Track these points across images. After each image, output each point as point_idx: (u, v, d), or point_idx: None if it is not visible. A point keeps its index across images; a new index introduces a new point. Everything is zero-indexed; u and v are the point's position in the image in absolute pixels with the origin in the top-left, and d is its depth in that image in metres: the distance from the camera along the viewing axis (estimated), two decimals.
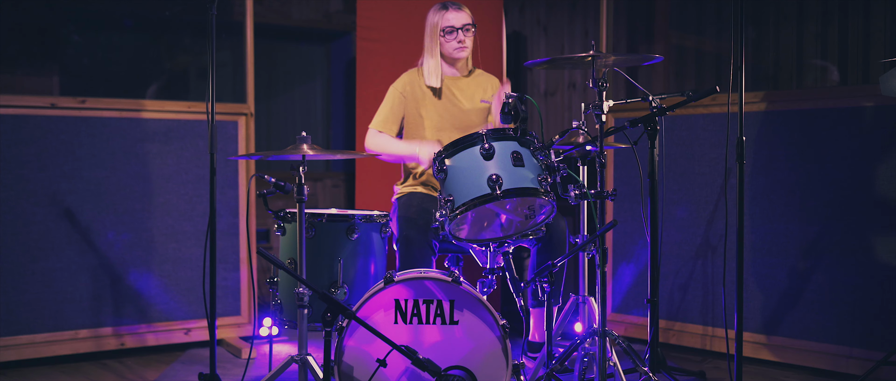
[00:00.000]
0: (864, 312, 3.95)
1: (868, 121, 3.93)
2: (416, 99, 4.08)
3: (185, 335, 4.54)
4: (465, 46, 4.09)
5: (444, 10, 4.07)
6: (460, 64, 4.16)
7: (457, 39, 4.06)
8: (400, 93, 4.10)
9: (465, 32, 4.06)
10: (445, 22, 4.05)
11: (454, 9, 4.07)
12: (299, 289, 3.15)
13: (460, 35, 4.06)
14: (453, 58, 4.10)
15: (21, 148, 4.18)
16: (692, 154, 4.49)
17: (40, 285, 4.21)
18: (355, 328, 3.02)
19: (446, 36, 4.06)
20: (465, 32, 4.06)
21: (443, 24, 4.05)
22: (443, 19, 4.06)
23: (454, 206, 3.09)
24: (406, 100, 4.08)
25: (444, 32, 4.06)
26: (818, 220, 4.07)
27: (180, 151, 4.53)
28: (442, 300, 3.04)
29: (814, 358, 4.09)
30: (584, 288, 3.65)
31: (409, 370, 3.01)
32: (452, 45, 4.07)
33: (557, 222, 3.75)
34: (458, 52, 4.09)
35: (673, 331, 4.54)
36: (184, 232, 4.54)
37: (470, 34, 4.08)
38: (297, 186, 3.18)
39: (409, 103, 4.09)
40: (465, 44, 4.08)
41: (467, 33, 4.07)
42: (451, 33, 4.06)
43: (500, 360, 3.04)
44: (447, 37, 4.06)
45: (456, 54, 4.09)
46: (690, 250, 4.49)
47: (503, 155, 3.09)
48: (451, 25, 4.04)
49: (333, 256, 3.38)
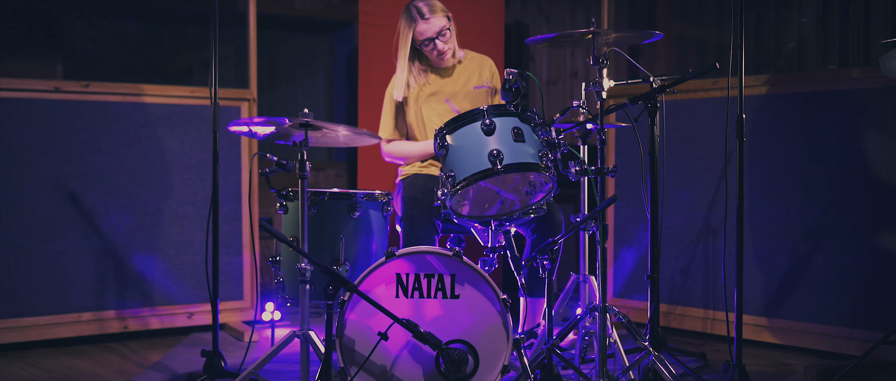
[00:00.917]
0: (864, 293, 3.96)
1: (869, 103, 3.94)
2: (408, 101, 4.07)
3: (188, 319, 4.56)
4: (447, 49, 3.98)
5: (414, 23, 3.93)
6: (446, 62, 4.10)
7: (436, 50, 3.97)
8: (393, 96, 4.08)
9: (441, 38, 3.95)
10: (419, 36, 3.93)
11: (424, 18, 3.91)
12: (301, 264, 3.16)
13: (438, 44, 3.95)
14: (437, 63, 4.07)
15: (25, 131, 4.20)
16: (693, 139, 4.50)
17: (44, 268, 4.24)
18: (357, 302, 3.03)
19: (424, 47, 3.97)
20: (441, 38, 3.95)
21: (417, 39, 3.94)
22: (416, 33, 3.94)
23: (455, 181, 3.10)
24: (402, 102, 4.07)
25: (421, 44, 3.97)
26: (819, 202, 4.08)
27: (183, 135, 4.55)
28: (443, 275, 3.05)
29: (814, 340, 4.10)
30: (584, 267, 3.66)
31: (410, 343, 3.03)
32: (433, 55, 4.00)
33: (554, 209, 3.76)
34: (439, 59, 4.02)
35: (674, 315, 4.56)
36: (187, 217, 4.56)
37: (447, 35, 3.95)
38: (299, 163, 3.20)
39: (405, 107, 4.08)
40: (446, 48, 3.98)
41: (444, 37, 3.95)
42: (428, 45, 3.96)
43: (501, 334, 3.05)
44: (425, 48, 3.97)
45: (438, 61, 4.04)
46: (691, 235, 4.50)
47: (504, 131, 3.11)
48: (426, 38, 3.93)
49: (335, 233, 3.40)
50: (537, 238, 3.78)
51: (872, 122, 3.93)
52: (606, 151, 3.35)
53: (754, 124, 4.22)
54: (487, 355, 3.03)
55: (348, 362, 3.02)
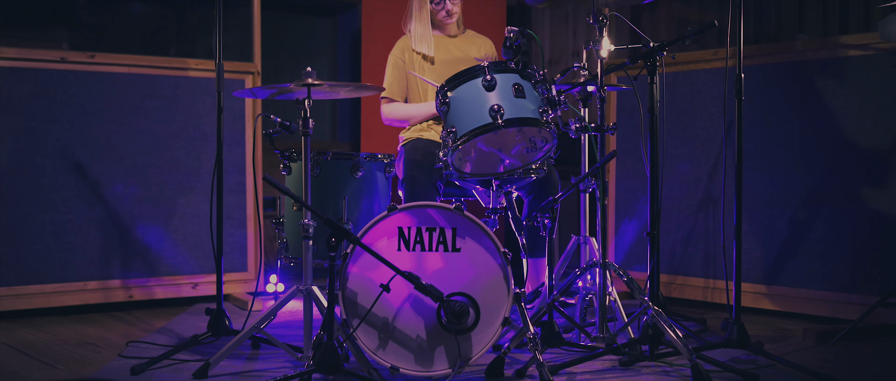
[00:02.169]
0: (862, 259, 3.99)
1: (868, 69, 3.97)
2: (412, 67, 4.14)
3: (192, 289, 4.60)
4: (456, 11, 4.19)
5: None
6: (451, 27, 4.24)
7: (445, 9, 4.17)
8: (398, 59, 4.17)
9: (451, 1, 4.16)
10: None
11: None
12: (305, 220, 3.20)
13: (448, 4, 4.16)
14: (443, 24, 4.20)
15: (32, 101, 4.25)
16: (693, 110, 4.53)
17: (50, 236, 4.28)
18: (359, 255, 3.06)
19: (435, 5, 4.16)
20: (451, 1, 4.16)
21: None
22: None
23: (457, 136, 3.14)
24: (406, 65, 4.14)
25: (432, 2, 4.16)
26: (818, 170, 4.12)
27: (188, 108, 4.59)
28: (444, 228, 3.09)
29: (813, 306, 4.13)
30: (585, 229, 3.70)
31: (411, 296, 3.06)
32: (441, 15, 4.19)
33: (551, 171, 3.81)
34: (447, 19, 4.21)
35: (675, 285, 4.59)
36: (192, 188, 4.60)
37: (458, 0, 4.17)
38: (302, 120, 3.23)
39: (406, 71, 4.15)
40: (455, 9, 4.18)
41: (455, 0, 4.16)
42: (440, 3, 4.16)
43: (502, 287, 3.09)
44: (436, 6, 4.17)
45: (446, 21, 4.21)
46: (692, 205, 4.53)
47: (505, 87, 3.14)
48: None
49: (338, 193, 3.43)
50: (534, 200, 3.82)
51: (872, 88, 3.96)
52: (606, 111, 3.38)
53: (754, 94, 4.25)
54: (488, 307, 3.07)
55: (350, 314, 3.06)
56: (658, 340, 3.20)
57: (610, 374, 3.19)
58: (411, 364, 3.06)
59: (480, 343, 3.07)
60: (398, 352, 3.06)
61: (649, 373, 3.20)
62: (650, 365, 3.28)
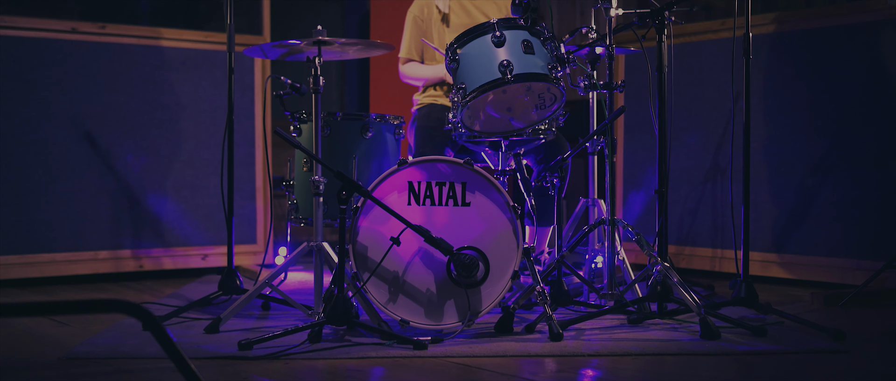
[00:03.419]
0: (870, 224, 4.00)
1: (878, 35, 3.98)
2: (430, 25, 4.14)
3: (202, 260, 4.63)
4: None
5: None
6: None
7: None
8: (415, 17, 4.16)
9: None
10: None
11: None
12: (315, 176, 3.22)
13: None
14: None
15: (43, 72, 4.28)
16: (701, 81, 4.54)
17: (61, 205, 4.30)
18: (369, 209, 3.08)
19: None
20: None
21: None
22: None
23: (466, 92, 3.15)
24: (424, 24, 4.14)
25: None
26: (826, 137, 4.12)
27: (198, 80, 4.62)
28: (454, 183, 3.10)
29: (822, 272, 4.13)
30: (593, 191, 3.71)
31: (421, 250, 3.08)
32: None
33: (559, 136, 3.82)
34: None
35: (683, 256, 4.60)
36: (202, 160, 4.63)
37: None
38: (313, 78, 3.25)
39: (424, 29, 4.15)
40: None
41: None
42: None
43: (511, 241, 3.10)
44: None
45: None
46: (700, 175, 4.54)
47: (514, 43, 3.16)
48: None
49: (348, 153, 3.45)
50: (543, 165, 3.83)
51: (880, 54, 3.97)
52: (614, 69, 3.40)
53: (762, 63, 4.26)
54: (498, 261, 3.08)
55: (361, 267, 3.08)
56: (667, 297, 3.21)
57: (619, 330, 3.20)
58: (421, 318, 3.08)
59: (490, 297, 3.09)
60: (408, 306, 3.08)
61: (658, 329, 3.21)
62: (659, 323, 3.29)
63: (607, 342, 3.02)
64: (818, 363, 2.79)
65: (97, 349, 2.91)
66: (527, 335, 3.12)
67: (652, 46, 3.37)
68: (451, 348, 2.90)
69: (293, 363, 2.75)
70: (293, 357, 2.79)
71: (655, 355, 2.87)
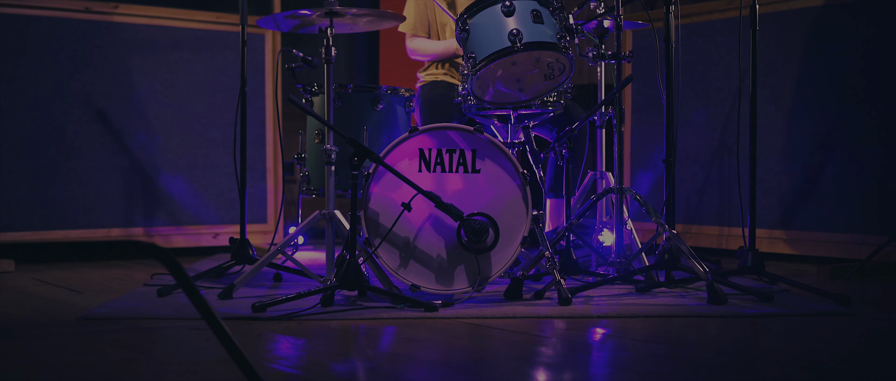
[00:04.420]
0: (875, 199, 4.03)
1: (883, 10, 4.02)
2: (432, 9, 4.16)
3: (213, 239, 4.68)
4: None
5: None
6: None
7: None
8: None
9: None
10: None
11: None
12: (327, 146, 3.26)
13: None
14: None
15: (56, 50, 4.33)
16: (708, 60, 4.58)
17: (75, 183, 4.36)
18: (381, 175, 3.12)
19: None
20: None
21: None
22: None
23: (476, 61, 3.20)
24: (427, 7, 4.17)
25: None
26: (831, 113, 4.16)
27: (210, 61, 4.67)
28: (464, 150, 3.14)
29: (828, 248, 4.16)
30: (601, 164, 3.75)
31: (432, 216, 3.12)
32: None
33: (572, 106, 3.84)
34: None
35: (690, 234, 4.63)
36: (213, 140, 4.68)
37: None
38: (324, 49, 3.30)
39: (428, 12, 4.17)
40: None
41: None
42: None
43: (521, 207, 3.14)
44: None
45: None
46: (706, 154, 4.58)
47: (523, 12, 3.20)
48: None
49: (360, 124, 3.49)
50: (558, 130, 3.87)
51: (884, 29, 4.00)
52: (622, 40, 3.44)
53: (768, 41, 4.29)
54: (507, 227, 3.12)
55: (372, 233, 3.12)
56: (675, 265, 3.24)
57: (627, 297, 3.24)
58: (432, 283, 3.12)
59: (499, 263, 3.13)
60: (419, 271, 3.12)
61: (666, 296, 3.25)
62: (666, 291, 3.33)
63: (616, 306, 3.06)
64: (823, 323, 2.83)
65: (113, 311, 2.96)
66: (536, 300, 3.16)
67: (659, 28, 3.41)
68: (462, 310, 2.95)
69: (306, 322, 2.79)
70: (306, 318, 2.83)
71: (663, 316, 2.91)
